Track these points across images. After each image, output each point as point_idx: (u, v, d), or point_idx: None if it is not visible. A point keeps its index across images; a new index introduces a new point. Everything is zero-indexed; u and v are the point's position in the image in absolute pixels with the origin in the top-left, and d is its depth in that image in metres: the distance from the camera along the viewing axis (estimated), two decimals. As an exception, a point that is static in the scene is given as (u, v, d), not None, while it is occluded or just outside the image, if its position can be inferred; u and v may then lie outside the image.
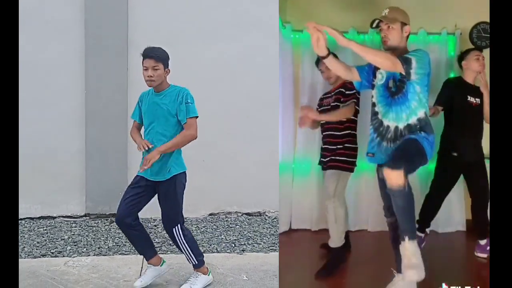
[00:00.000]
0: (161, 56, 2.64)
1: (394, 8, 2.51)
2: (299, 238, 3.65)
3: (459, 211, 3.70)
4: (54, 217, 4.19)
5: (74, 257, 3.34)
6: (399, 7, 2.53)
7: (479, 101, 3.17)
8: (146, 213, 3.87)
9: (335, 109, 3.08)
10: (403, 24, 2.48)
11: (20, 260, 3.16)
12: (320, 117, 3.08)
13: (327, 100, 3.22)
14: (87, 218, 4.20)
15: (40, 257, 3.35)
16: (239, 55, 4.28)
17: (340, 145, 3.07)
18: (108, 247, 3.54)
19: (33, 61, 4.02)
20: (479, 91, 3.18)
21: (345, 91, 3.06)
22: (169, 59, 2.69)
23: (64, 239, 3.71)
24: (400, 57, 2.38)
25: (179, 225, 2.71)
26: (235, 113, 4.30)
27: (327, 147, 3.15)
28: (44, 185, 4.16)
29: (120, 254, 3.40)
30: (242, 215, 4.39)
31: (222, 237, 3.83)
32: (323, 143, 3.22)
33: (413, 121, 2.44)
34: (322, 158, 3.22)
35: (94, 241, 3.68)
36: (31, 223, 4.07)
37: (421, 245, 2.98)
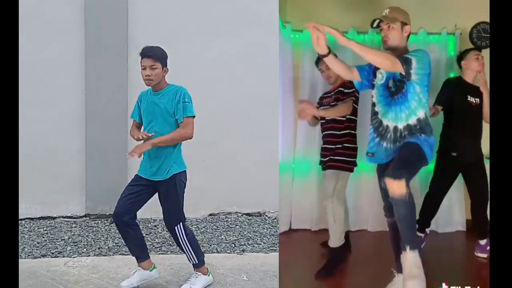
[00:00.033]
0: (159, 55, 2.62)
1: (394, 8, 2.50)
2: (299, 238, 3.65)
3: (459, 211, 3.70)
4: (54, 218, 4.19)
5: (74, 257, 3.34)
6: (399, 7, 2.53)
7: (479, 101, 3.17)
8: (146, 213, 3.91)
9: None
10: (404, 24, 2.48)
11: (20, 260, 3.15)
12: (318, 112, 3.07)
13: (326, 100, 3.22)
14: (87, 218, 4.20)
15: (40, 257, 3.35)
16: (239, 55, 4.28)
17: (339, 145, 3.07)
18: (108, 247, 3.54)
19: (33, 61, 4.02)
20: (479, 91, 3.18)
21: (344, 90, 3.06)
22: (167, 58, 2.68)
23: (64, 239, 3.71)
24: (400, 57, 2.38)
25: (181, 224, 2.71)
26: (235, 113, 4.30)
27: (327, 146, 3.15)
28: (44, 185, 4.16)
29: (120, 254, 3.40)
30: (242, 215, 4.39)
31: (222, 237, 3.82)
32: (323, 143, 3.22)
33: (412, 121, 2.44)
34: (322, 158, 3.22)
35: (94, 241, 3.68)
36: (31, 224, 4.07)
37: (421, 245, 2.98)
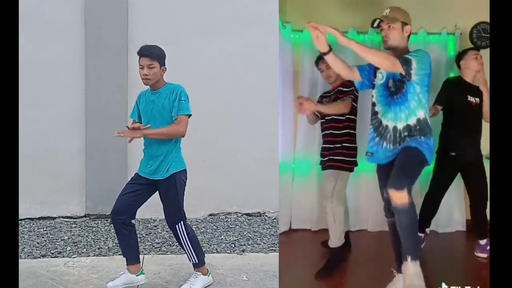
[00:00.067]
0: (156, 54, 2.60)
1: (395, 8, 2.50)
2: (299, 238, 3.65)
3: (459, 211, 3.70)
4: (54, 218, 4.19)
5: (74, 257, 3.33)
6: (400, 7, 2.52)
7: (479, 100, 3.17)
8: (146, 213, 3.91)
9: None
10: (404, 24, 2.47)
11: (20, 260, 3.15)
12: (317, 107, 3.03)
13: (326, 99, 3.21)
14: (87, 218, 4.20)
15: (40, 257, 3.34)
16: (239, 53, 4.28)
17: (338, 144, 3.07)
18: (108, 247, 3.53)
19: (33, 61, 4.02)
20: (478, 90, 3.18)
21: (343, 89, 3.06)
22: (165, 57, 2.66)
23: (64, 239, 3.71)
24: (400, 57, 2.38)
25: (182, 222, 2.71)
26: (235, 111, 4.30)
27: (326, 146, 3.15)
28: (44, 185, 4.16)
29: (120, 254, 3.35)
30: (242, 215, 4.39)
31: (222, 237, 3.82)
32: (323, 142, 3.21)
33: (412, 121, 2.43)
34: (321, 157, 3.21)
35: (94, 241, 3.68)
36: (31, 224, 4.07)
37: (421, 245, 2.98)
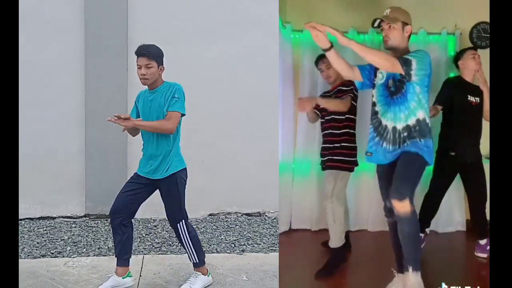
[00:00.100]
0: (154, 53, 2.59)
1: (395, 8, 2.50)
2: (299, 238, 3.65)
3: (459, 211, 3.70)
4: (54, 218, 4.19)
5: (74, 257, 3.33)
6: (400, 7, 2.52)
7: (479, 100, 3.18)
8: (146, 213, 3.91)
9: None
10: (405, 24, 2.47)
11: (20, 260, 3.15)
12: (317, 100, 3.02)
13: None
14: (87, 218, 4.20)
15: (40, 257, 3.34)
16: (239, 55, 4.28)
17: (337, 144, 3.07)
18: (108, 247, 3.53)
19: (33, 61, 4.02)
20: (478, 90, 3.18)
21: (343, 88, 3.06)
22: (163, 56, 2.65)
23: (64, 239, 3.71)
24: (400, 58, 2.37)
25: (183, 221, 2.72)
26: (235, 113, 4.30)
27: (326, 145, 3.15)
28: (44, 185, 4.16)
29: (120, 254, 3.40)
30: (242, 215, 4.39)
31: (222, 237, 3.82)
32: (323, 142, 3.21)
33: (411, 122, 2.42)
34: (321, 157, 3.21)
35: (94, 241, 3.67)
36: (31, 224, 4.06)
37: (421, 245, 2.98)
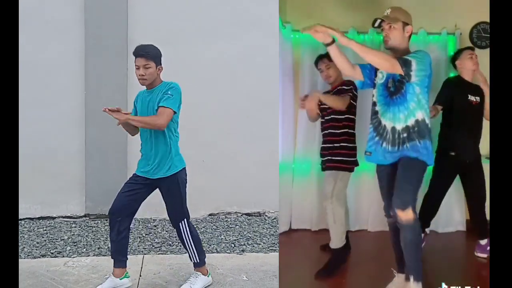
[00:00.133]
0: (152, 54, 2.59)
1: (396, 8, 2.50)
2: (299, 238, 3.65)
3: (459, 211, 3.70)
4: (54, 218, 4.19)
5: (73, 257, 3.33)
6: (401, 7, 2.52)
7: (479, 99, 3.18)
8: (146, 213, 3.91)
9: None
10: (405, 24, 2.46)
11: (20, 260, 3.15)
12: (319, 96, 2.97)
13: None
14: (87, 218, 4.20)
15: (39, 257, 3.34)
16: (239, 55, 4.28)
17: (337, 144, 3.07)
18: (108, 247, 3.52)
19: (33, 61, 4.02)
20: (478, 89, 3.19)
21: (343, 87, 3.06)
22: (161, 56, 2.64)
23: (64, 239, 3.71)
24: (399, 58, 2.37)
25: (185, 220, 2.72)
26: (235, 113, 4.30)
27: (326, 145, 3.15)
28: (44, 185, 4.16)
29: (120, 254, 3.40)
30: (242, 215, 4.39)
31: (221, 237, 3.82)
32: (322, 142, 3.21)
33: (411, 122, 2.42)
34: (321, 157, 3.21)
35: (93, 241, 3.68)
36: (31, 224, 4.06)
37: (421, 245, 2.98)
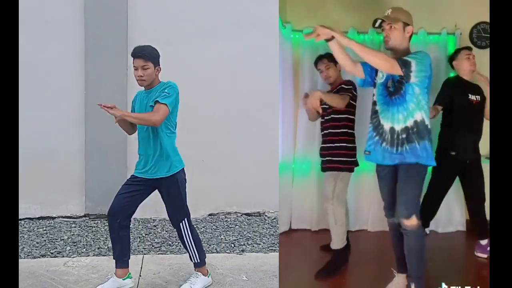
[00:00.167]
0: (150, 55, 2.59)
1: (396, 8, 2.49)
2: (299, 238, 3.65)
3: (459, 211, 3.70)
4: (54, 217, 4.19)
5: (73, 257, 3.33)
6: (401, 7, 2.52)
7: (479, 98, 3.18)
8: (146, 213, 3.92)
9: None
10: (406, 24, 2.46)
11: (20, 260, 3.15)
12: (320, 94, 2.96)
13: None
14: (87, 218, 4.20)
15: (39, 257, 3.34)
16: (239, 55, 4.28)
17: (336, 144, 3.07)
18: (108, 247, 3.53)
19: (33, 61, 4.02)
20: (478, 88, 3.19)
21: (343, 87, 3.06)
22: (159, 56, 2.64)
23: (63, 239, 3.71)
24: (399, 59, 2.36)
25: (186, 219, 2.72)
26: (235, 113, 4.30)
27: (325, 145, 3.14)
28: (44, 185, 4.16)
29: (120, 254, 3.39)
30: (241, 215, 4.38)
31: (221, 237, 3.82)
32: (322, 142, 3.21)
33: (410, 123, 2.41)
34: (321, 157, 3.21)
35: (93, 241, 3.67)
36: (31, 223, 4.06)
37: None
